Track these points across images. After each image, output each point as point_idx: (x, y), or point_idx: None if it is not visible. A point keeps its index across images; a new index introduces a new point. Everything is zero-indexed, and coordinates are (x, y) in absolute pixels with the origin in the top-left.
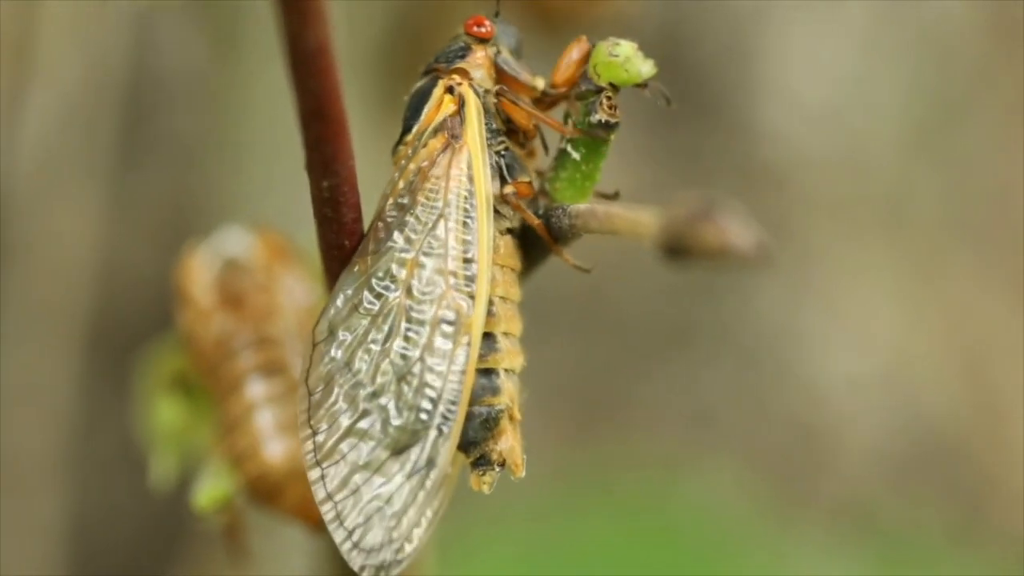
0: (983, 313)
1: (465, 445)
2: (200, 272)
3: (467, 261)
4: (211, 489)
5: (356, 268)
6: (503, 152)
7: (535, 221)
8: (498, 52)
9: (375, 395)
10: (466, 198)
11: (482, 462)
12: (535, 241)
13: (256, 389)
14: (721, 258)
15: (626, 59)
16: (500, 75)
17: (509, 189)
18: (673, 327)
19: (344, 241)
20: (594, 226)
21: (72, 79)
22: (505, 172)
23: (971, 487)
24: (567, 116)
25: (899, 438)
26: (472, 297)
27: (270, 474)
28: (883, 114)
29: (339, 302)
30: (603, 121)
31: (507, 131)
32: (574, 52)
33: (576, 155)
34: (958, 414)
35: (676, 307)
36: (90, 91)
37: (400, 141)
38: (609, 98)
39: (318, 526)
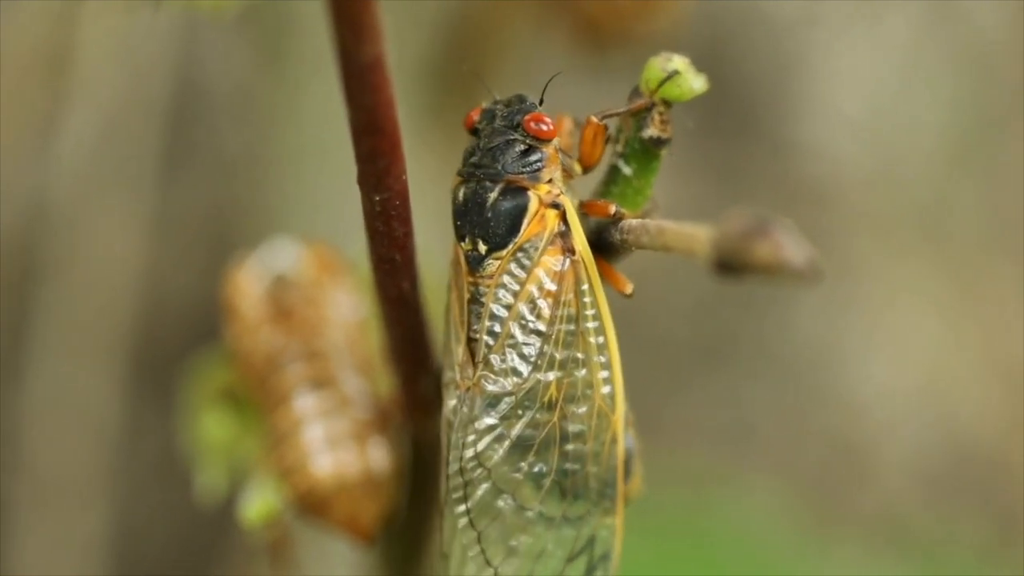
0: (1023, 328)
1: None
2: (249, 285)
3: (603, 367)
4: (260, 503)
5: (480, 395)
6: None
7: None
8: (559, 149)
9: (542, 516)
10: (590, 305)
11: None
12: None
13: (305, 402)
14: (775, 274)
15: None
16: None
17: None
18: (711, 342)
19: (395, 255)
20: (645, 241)
21: (115, 91)
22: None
23: (1010, 503)
24: (620, 131)
25: (938, 453)
26: (612, 398)
27: (318, 487)
28: (924, 129)
29: (480, 435)
30: (655, 137)
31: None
32: (587, 134)
33: (628, 170)
34: (997, 429)
35: (714, 322)
36: (133, 104)
37: (486, 255)
38: (661, 113)
39: (365, 539)
